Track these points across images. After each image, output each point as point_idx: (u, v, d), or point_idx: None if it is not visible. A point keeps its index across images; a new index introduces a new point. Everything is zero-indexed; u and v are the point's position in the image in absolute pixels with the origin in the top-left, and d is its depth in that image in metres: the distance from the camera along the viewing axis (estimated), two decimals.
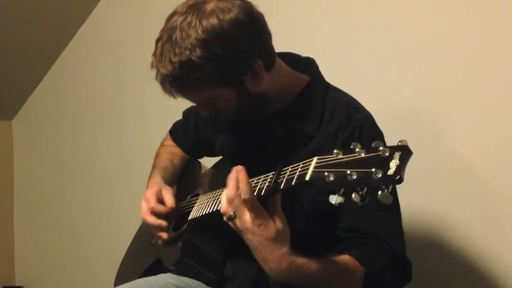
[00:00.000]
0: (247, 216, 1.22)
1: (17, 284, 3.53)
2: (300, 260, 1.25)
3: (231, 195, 1.24)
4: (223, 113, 1.48)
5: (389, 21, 2.04)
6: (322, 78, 1.57)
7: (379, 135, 1.48)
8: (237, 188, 1.24)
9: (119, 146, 3.04)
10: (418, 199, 1.89)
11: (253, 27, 1.41)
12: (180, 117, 1.95)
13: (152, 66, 1.42)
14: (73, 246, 3.26)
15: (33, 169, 3.47)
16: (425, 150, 1.90)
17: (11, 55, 3.09)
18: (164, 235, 1.62)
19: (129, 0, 2.96)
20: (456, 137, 1.89)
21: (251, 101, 1.45)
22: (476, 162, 1.86)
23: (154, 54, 1.41)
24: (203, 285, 1.62)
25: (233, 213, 1.24)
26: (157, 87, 1.44)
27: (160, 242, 1.64)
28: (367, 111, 1.52)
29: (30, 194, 3.49)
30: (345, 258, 1.35)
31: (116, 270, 1.95)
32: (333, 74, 1.59)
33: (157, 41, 1.41)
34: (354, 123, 1.45)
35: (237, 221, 1.24)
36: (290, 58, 1.55)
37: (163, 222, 1.61)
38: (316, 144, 1.45)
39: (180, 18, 1.38)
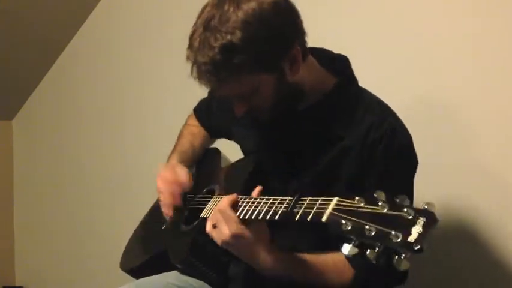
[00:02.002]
0: (225, 228, 1.32)
1: (17, 284, 3.53)
2: (286, 257, 1.37)
3: (219, 207, 1.34)
4: (258, 109, 1.45)
5: (395, 21, 2.04)
6: (354, 77, 1.54)
7: (408, 141, 1.47)
8: (227, 202, 1.34)
9: (119, 146, 3.04)
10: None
11: (291, 12, 1.41)
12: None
13: (188, 59, 1.38)
14: (73, 246, 3.26)
15: (33, 169, 3.46)
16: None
17: (11, 55, 3.09)
18: (169, 213, 1.64)
19: (129, 0, 2.96)
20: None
21: (288, 93, 1.43)
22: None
23: (191, 47, 1.37)
24: (206, 285, 1.62)
25: (216, 222, 1.34)
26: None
27: (168, 219, 1.66)
28: (397, 116, 1.50)
29: (30, 194, 3.49)
30: (335, 257, 1.39)
31: (116, 270, 1.94)
32: None
33: (192, 34, 1.38)
34: (386, 125, 1.43)
35: (214, 232, 1.35)
36: (322, 54, 1.53)
37: (179, 202, 1.64)
38: (346, 144, 1.44)
39: (215, 8, 1.36)
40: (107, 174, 3.09)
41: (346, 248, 1.03)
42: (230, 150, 1.77)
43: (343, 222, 1.04)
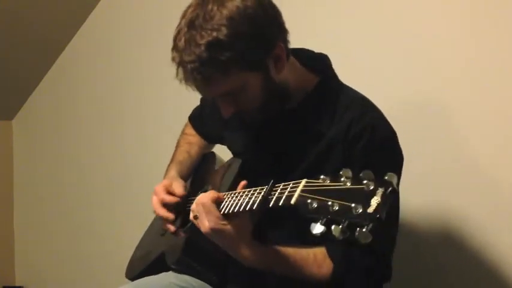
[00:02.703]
0: (205, 221, 1.35)
1: (17, 284, 3.53)
2: (267, 250, 1.39)
3: (200, 199, 1.37)
4: (247, 111, 1.46)
5: (392, 22, 2.04)
6: (335, 75, 1.55)
7: (390, 135, 1.48)
8: (210, 197, 1.37)
9: (119, 146, 3.04)
10: (424, 196, 1.90)
11: (274, 10, 1.43)
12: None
13: (174, 60, 1.38)
14: (73, 246, 3.26)
15: (33, 169, 3.47)
16: (436, 146, 1.91)
17: (11, 55, 3.09)
18: (171, 228, 1.63)
19: (129, 0, 2.96)
20: (467, 133, 1.90)
21: (275, 93, 1.44)
22: (488, 159, 1.86)
23: (176, 47, 1.38)
24: (206, 285, 1.63)
25: (198, 214, 1.36)
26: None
27: (170, 232, 1.66)
28: (380, 111, 1.50)
29: (30, 194, 3.49)
30: (317, 250, 1.40)
31: (116, 270, 1.95)
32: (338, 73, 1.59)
33: (177, 34, 1.38)
34: (366, 120, 1.44)
35: (196, 222, 1.38)
36: (302, 54, 1.54)
37: (170, 215, 1.64)
38: (328, 141, 1.45)
39: (199, 8, 1.37)
40: (107, 174, 3.10)
41: (314, 227, 1.05)
42: (227, 153, 1.78)
43: (309, 201, 1.07)
